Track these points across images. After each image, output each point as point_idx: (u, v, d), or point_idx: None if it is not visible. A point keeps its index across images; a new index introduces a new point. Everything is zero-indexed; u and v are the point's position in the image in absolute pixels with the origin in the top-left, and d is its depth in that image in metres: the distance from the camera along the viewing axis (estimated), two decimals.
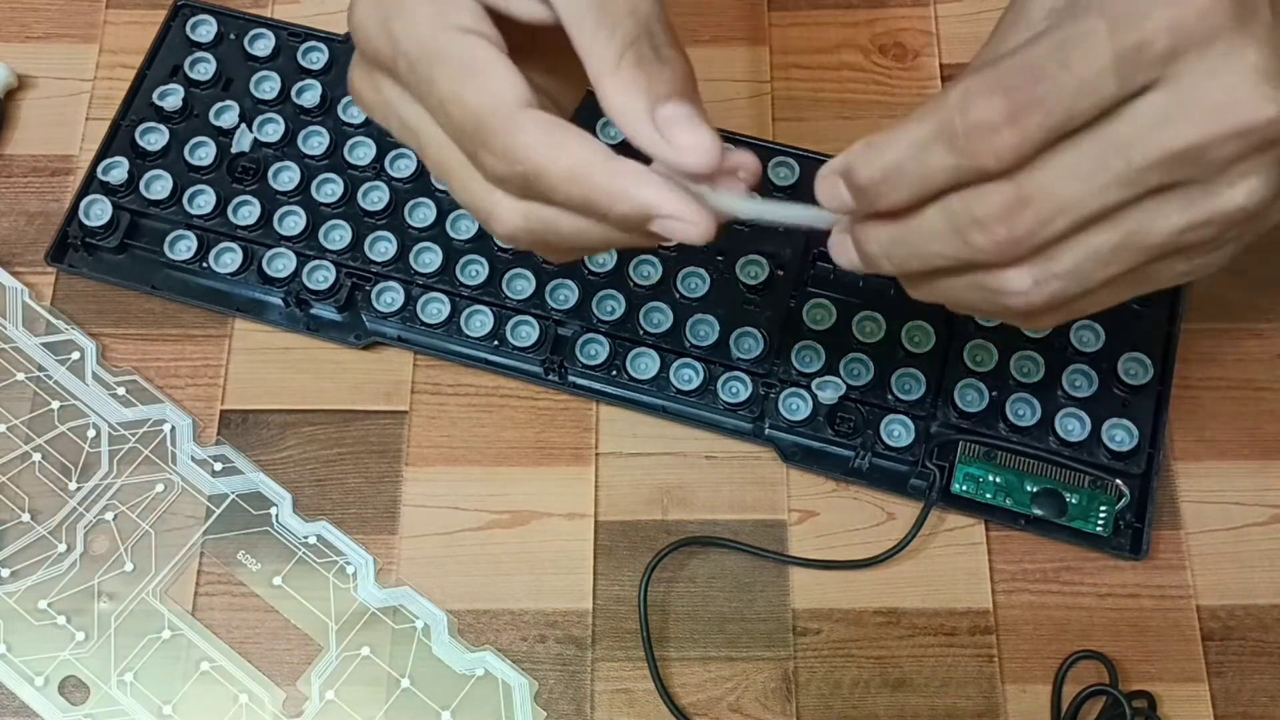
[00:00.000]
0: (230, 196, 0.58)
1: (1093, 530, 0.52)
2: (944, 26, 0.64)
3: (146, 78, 0.61)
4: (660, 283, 0.56)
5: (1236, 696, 0.51)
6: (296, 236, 0.57)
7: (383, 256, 0.56)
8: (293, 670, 0.51)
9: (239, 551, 0.53)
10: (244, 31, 0.61)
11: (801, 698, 0.51)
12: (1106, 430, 0.53)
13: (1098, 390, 0.54)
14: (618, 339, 0.55)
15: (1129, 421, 0.53)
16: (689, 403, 0.54)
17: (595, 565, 0.54)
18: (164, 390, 0.56)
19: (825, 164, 0.35)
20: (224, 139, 0.59)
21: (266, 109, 0.60)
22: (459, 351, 0.56)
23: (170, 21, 0.62)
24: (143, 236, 0.58)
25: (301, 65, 0.60)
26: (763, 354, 0.54)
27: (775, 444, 0.54)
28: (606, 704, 0.51)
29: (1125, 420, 0.53)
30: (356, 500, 0.55)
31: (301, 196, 0.58)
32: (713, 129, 0.36)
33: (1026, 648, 0.52)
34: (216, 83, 0.60)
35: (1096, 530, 0.52)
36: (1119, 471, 0.52)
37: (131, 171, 0.58)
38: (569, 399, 0.56)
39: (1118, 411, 0.53)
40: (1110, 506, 0.52)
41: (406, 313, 0.56)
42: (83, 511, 0.54)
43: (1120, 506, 0.52)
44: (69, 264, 0.58)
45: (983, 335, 0.55)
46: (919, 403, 0.54)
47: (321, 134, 0.59)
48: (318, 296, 0.56)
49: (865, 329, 0.55)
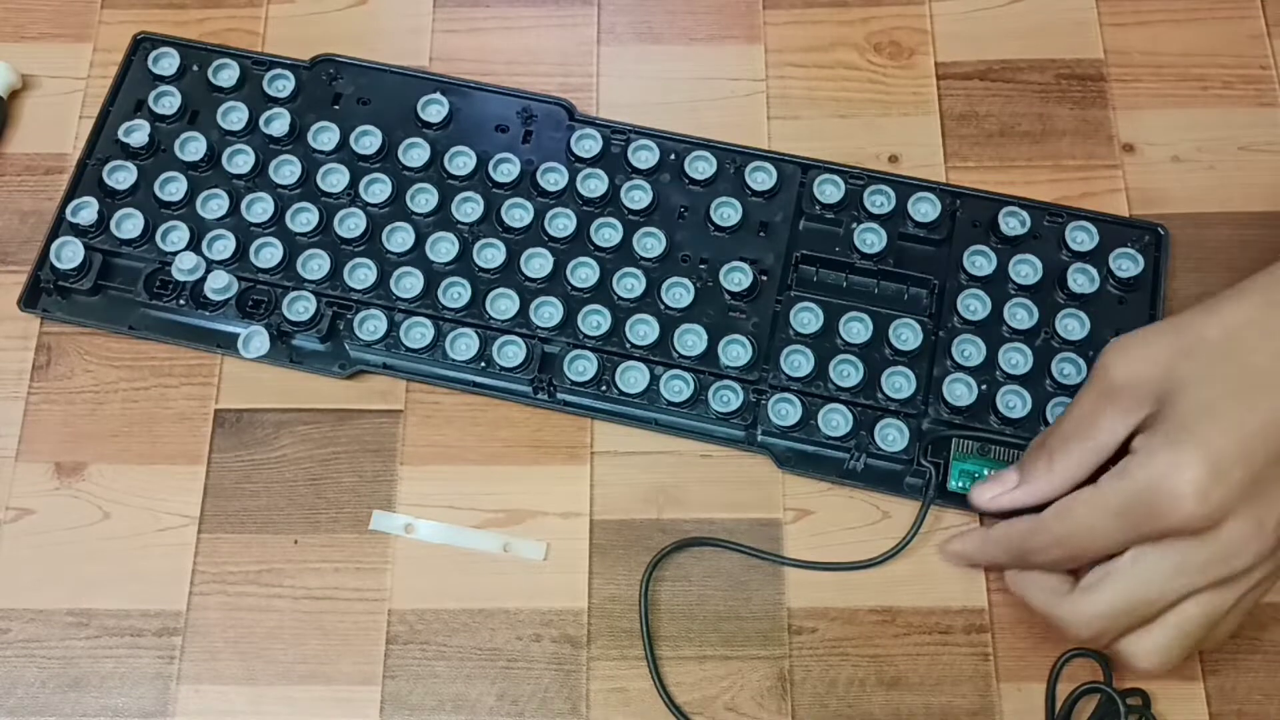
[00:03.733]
0: (204, 231, 0.57)
1: None
2: (939, 25, 0.64)
3: (110, 114, 0.60)
4: (644, 295, 0.56)
5: (1231, 694, 0.51)
6: (274, 268, 0.56)
7: (363, 284, 0.56)
8: None
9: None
10: (207, 62, 0.60)
11: (797, 696, 0.51)
12: None
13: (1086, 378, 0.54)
14: (605, 354, 0.55)
15: None
16: (681, 414, 0.54)
17: (590, 564, 0.54)
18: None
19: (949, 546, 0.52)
20: (194, 173, 0.58)
21: (235, 140, 0.59)
22: (446, 375, 0.56)
23: (131, 56, 0.61)
24: (117, 277, 0.57)
25: (268, 94, 0.60)
26: (751, 361, 0.54)
27: (769, 450, 0.55)
28: (602, 703, 0.51)
29: None
30: (352, 499, 0.55)
31: (277, 227, 0.57)
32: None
33: (1021, 646, 0.52)
34: (182, 116, 0.60)
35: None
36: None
37: (101, 211, 0.57)
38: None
39: None
40: None
41: (390, 339, 0.55)
42: None
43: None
44: (43, 309, 0.57)
45: (969, 330, 0.55)
46: (910, 401, 0.54)
47: (293, 163, 0.58)
48: (299, 328, 0.56)
49: (852, 330, 0.55)
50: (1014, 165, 0.60)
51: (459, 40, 0.63)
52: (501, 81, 0.61)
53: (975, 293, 0.56)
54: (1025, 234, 0.57)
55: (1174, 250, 0.57)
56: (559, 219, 0.57)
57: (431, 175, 0.58)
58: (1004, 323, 0.55)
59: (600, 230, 0.57)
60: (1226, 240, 0.59)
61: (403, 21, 0.63)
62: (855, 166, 0.58)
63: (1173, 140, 0.61)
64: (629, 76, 0.63)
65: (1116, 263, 0.56)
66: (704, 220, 0.57)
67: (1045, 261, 0.56)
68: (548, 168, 0.58)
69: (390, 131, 0.59)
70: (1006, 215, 0.57)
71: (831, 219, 0.57)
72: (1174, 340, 0.45)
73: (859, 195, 0.57)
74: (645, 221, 0.57)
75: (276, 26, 0.63)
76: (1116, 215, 0.58)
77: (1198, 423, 0.44)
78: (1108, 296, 0.56)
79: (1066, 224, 0.57)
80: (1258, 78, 0.62)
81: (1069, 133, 0.61)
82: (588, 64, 0.63)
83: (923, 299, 0.56)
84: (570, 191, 0.58)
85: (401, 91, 0.60)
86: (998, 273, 0.56)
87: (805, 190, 0.58)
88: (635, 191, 0.57)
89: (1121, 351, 0.46)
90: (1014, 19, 0.64)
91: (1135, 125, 0.61)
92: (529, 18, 0.64)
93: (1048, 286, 0.56)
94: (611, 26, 0.64)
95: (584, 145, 0.59)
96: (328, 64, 0.61)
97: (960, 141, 0.61)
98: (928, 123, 0.61)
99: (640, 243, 0.57)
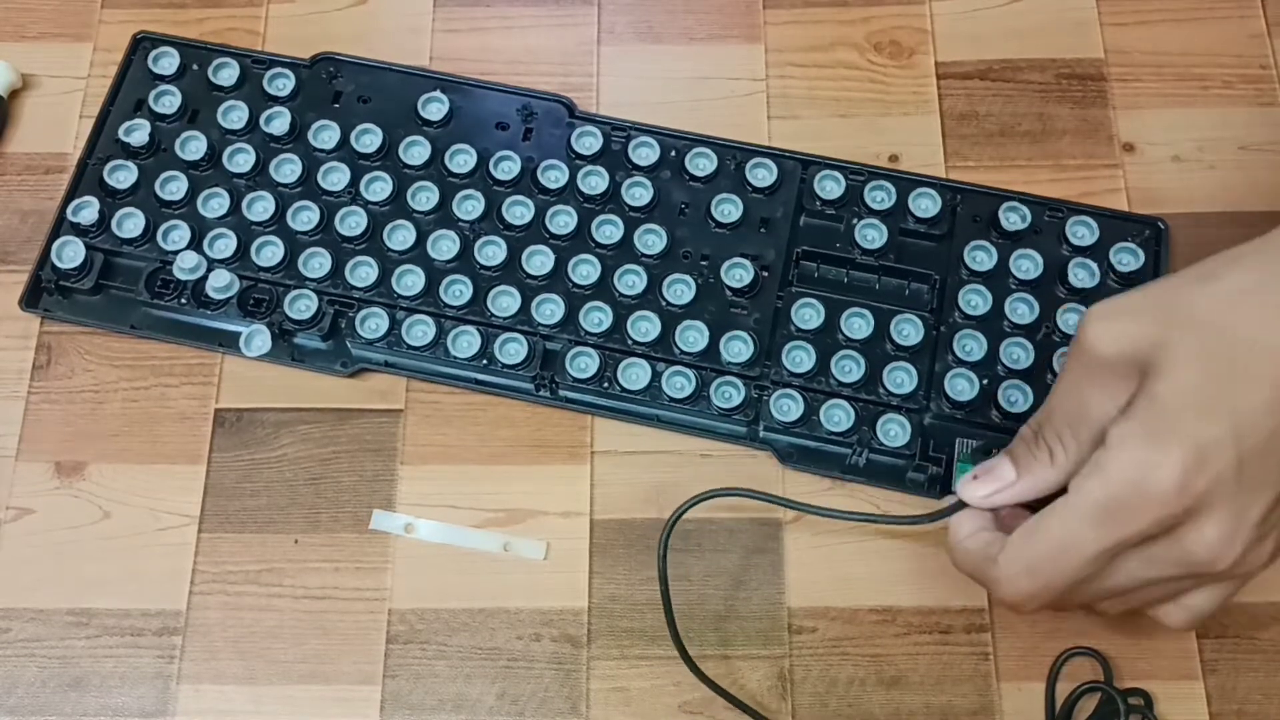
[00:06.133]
0: (205, 230, 0.57)
1: None
2: (939, 24, 0.64)
3: (111, 113, 0.60)
4: (646, 291, 0.56)
5: (1231, 694, 0.51)
6: (275, 266, 0.56)
7: (364, 282, 0.56)
8: None
9: None
10: (207, 61, 0.61)
11: (797, 696, 0.51)
12: None
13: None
14: (607, 350, 0.55)
15: None
16: (683, 410, 0.54)
17: (591, 564, 0.53)
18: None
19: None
20: (194, 172, 0.58)
21: (235, 139, 0.59)
22: (447, 373, 0.56)
23: (131, 55, 0.61)
24: (118, 276, 0.57)
25: (269, 93, 0.60)
26: (753, 357, 0.54)
27: (771, 446, 0.54)
28: (602, 702, 0.51)
29: None
30: (352, 499, 0.54)
31: (278, 226, 0.57)
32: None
33: (1022, 645, 0.52)
34: (183, 115, 0.60)
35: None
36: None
37: (102, 211, 0.57)
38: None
39: None
40: None
41: (392, 337, 0.55)
42: None
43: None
44: (44, 308, 0.57)
45: (970, 325, 0.55)
46: (911, 396, 0.54)
47: (293, 161, 0.58)
48: (300, 326, 0.55)
49: (853, 325, 0.55)
50: (1014, 165, 0.60)
51: (459, 40, 0.63)
52: (502, 81, 0.61)
53: (976, 288, 0.56)
54: (1026, 229, 0.57)
55: (1174, 250, 0.57)
56: (560, 216, 0.57)
57: (432, 173, 0.58)
58: (1005, 318, 0.55)
59: (601, 227, 0.57)
60: (1226, 240, 0.57)
61: (403, 21, 0.64)
62: (855, 162, 0.58)
63: (1173, 140, 0.61)
64: (629, 77, 0.63)
65: (1117, 257, 0.56)
66: (705, 217, 0.57)
67: (1046, 256, 0.56)
68: (548, 165, 0.58)
69: (391, 130, 0.59)
70: (1007, 210, 0.57)
71: (832, 215, 0.57)
72: (1161, 311, 0.41)
73: (860, 191, 0.57)
74: (646, 218, 0.57)
75: (276, 25, 0.64)
76: (1116, 210, 0.58)
77: (1183, 410, 0.40)
78: (1109, 291, 0.56)
79: (1067, 219, 0.57)
80: (1258, 77, 0.62)
81: (1069, 132, 0.61)
82: (588, 64, 0.63)
83: (924, 294, 0.56)
84: (571, 189, 0.58)
85: (402, 90, 0.60)
86: (999, 268, 0.56)
87: (806, 186, 0.58)
88: (636, 188, 0.57)
89: (1102, 321, 0.42)
90: (1014, 18, 0.64)
91: (1135, 125, 0.61)
92: (529, 17, 0.64)
93: (1048, 281, 0.56)
94: (611, 26, 0.64)
95: (584, 142, 0.59)
96: (328, 62, 0.61)
97: (960, 141, 0.61)
98: (928, 122, 0.61)
99: (641, 239, 0.57)
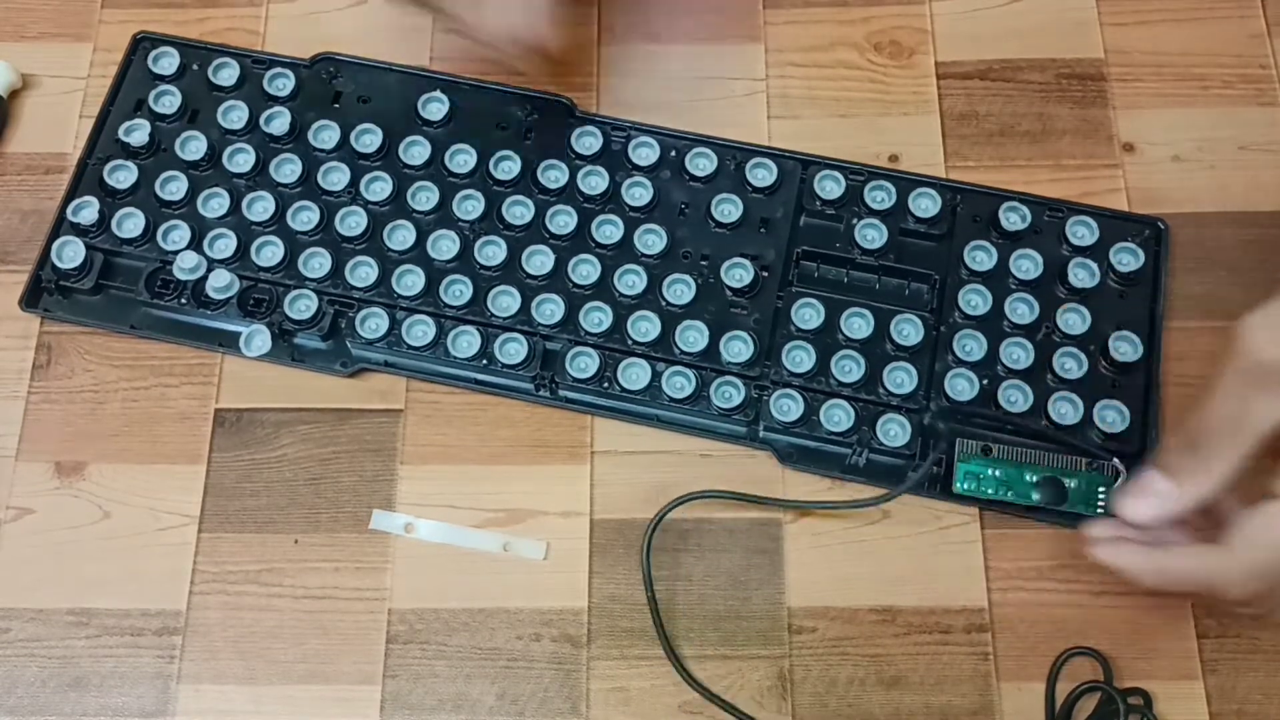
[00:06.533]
0: (205, 230, 0.57)
1: (1094, 514, 0.52)
2: (939, 24, 0.64)
3: (111, 113, 0.60)
4: (646, 291, 0.56)
5: (1231, 694, 0.51)
6: (275, 266, 0.56)
7: (364, 282, 0.56)
8: None
9: None
10: (207, 61, 0.61)
11: (797, 695, 0.51)
12: (1098, 411, 0.53)
13: (1087, 372, 0.54)
14: (607, 350, 0.55)
15: (1119, 402, 0.53)
16: (683, 410, 0.54)
17: (591, 564, 0.53)
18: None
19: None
20: (194, 172, 0.58)
21: (235, 139, 0.59)
22: (447, 373, 0.56)
23: (131, 55, 0.61)
24: (118, 276, 0.57)
25: (268, 93, 0.60)
26: (753, 357, 0.54)
27: (771, 446, 0.54)
28: (602, 702, 0.51)
29: (1116, 401, 0.53)
30: (352, 499, 0.54)
31: (278, 226, 0.57)
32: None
33: (1022, 645, 0.52)
34: (183, 115, 0.60)
35: (1098, 513, 0.52)
36: (1115, 451, 0.53)
37: (102, 211, 0.57)
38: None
39: (1108, 393, 0.54)
40: (1109, 488, 0.52)
41: (392, 337, 0.55)
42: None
43: (1118, 487, 0.52)
44: (44, 308, 0.57)
45: (970, 325, 0.55)
46: (911, 396, 0.54)
47: (293, 161, 0.58)
48: (300, 326, 0.55)
49: (853, 325, 0.55)
50: (1014, 165, 0.60)
51: (459, 40, 0.63)
52: (502, 81, 0.61)
53: (976, 288, 0.56)
54: (1026, 229, 0.57)
55: (1174, 250, 0.57)
56: (560, 216, 0.57)
57: (432, 173, 0.58)
58: (1005, 318, 0.55)
59: (601, 227, 0.57)
60: (1226, 240, 0.59)
61: (403, 20, 0.63)
62: (855, 162, 0.58)
63: (1173, 140, 0.61)
64: (629, 76, 0.63)
65: (1117, 257, 0.56)
66: (705, 217, 0.57)
67: (1046, 256, 0.56)
68: (548, 165, 0.58)
69: (391, 130, 0.59)
70: (1007, 210, 0.57)
71: (832, 215, 0.57)
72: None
73: (859, 191, 0.57)
74: (646, 218, 0.57)
75: (276, 25, 0.64)
76: (1116, 209, 0.58)
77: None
78: (1108, 291, 0.56)
79: (1067, 219, 0.57)
80: (1258, 77, 0.62)
81: (1069, 132, 0.61)
82: (588, 64, 0.63)
83: (924, 294, 0.56)
84: (571, 189, 0.58)
85: (402, 89, 0.60)
86: (998, 268, 0.56)
87: (806, 186, 0.58)
88: (636, 188, 0.57)
89: (1265, 330, 0.42)
90: (1014, 18, 0.64)
91: (1135, 125, 0.61)
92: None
93: (1048, 281, 0.56)
94: (611, 26, 0.64)
95: (584, 142, 0.59)
96: (328, 62, 0.61)
97: (960, 141, 0.61)
98: (928, 122, 0.61)
99: (641, 239, 0.57)
